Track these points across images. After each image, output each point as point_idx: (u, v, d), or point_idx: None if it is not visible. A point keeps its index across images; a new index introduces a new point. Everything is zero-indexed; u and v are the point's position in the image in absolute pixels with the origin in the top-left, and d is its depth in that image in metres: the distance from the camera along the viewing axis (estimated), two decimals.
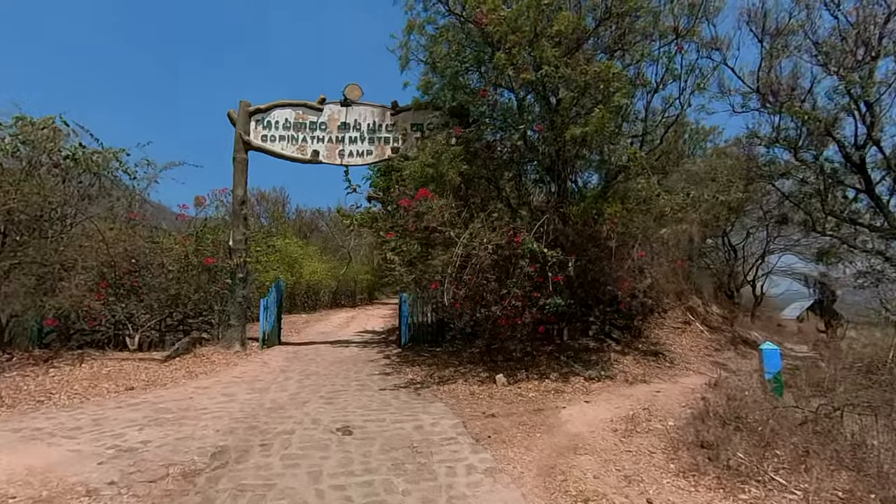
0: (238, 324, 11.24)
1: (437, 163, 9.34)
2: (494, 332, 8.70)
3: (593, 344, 10.38)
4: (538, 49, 8.36)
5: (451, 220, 8.74)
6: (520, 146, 9.92)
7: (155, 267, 10.96)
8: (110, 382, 8.14)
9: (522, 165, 10.25)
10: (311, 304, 25.40)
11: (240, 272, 11.30)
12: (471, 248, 8.32)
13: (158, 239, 11.74)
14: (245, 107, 11.78)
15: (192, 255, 11.22)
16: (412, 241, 10.27)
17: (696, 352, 11.06)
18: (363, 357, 10.95)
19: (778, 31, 12.17)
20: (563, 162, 9.99)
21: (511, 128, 9.84)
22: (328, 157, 11.94)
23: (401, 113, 12.08)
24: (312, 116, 12.01)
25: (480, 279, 8.49)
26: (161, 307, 11.05)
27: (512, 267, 8.59)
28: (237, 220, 11.48)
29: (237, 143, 11.63)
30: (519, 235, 8.14)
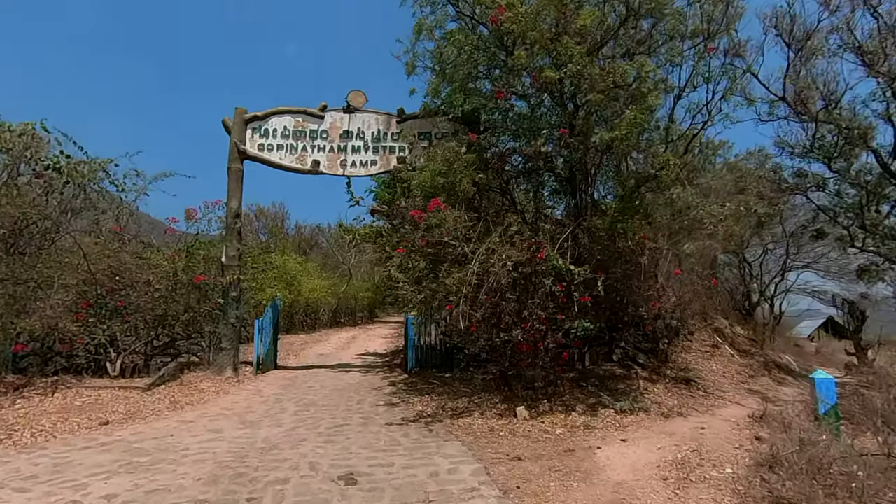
0: (230, 347, 10.34)
1: (448, 171, 8.54)
2: (514, 358, 7.80)
3: (619, 371, 9.49)
4: (562, 46, 7.61)
5: (465, 234, 7.91)
6: (540, 153, 9.14)
7: (141, 285, 10.10)
8: (83, 416, 7.23)
9: (540, 175, 9.44)
10: (309, 323, 24.48)
11: (233, 291, 10.44)
12: (488, 265, 7.48)
13: (146, 255, 10.90)
14: (241, 114, 11.03)
15: (181, 272, 10.37)
16: (419, 257, 9.46)
17: (729, 378, 10.16)
18: (366, 384, 10.03)
19: (807, 34, 11.49)
20: (585, 170, 9.21)
21: (529, 134, 9.06)
22: (329, 167, 11.16)
23: (407, 121, 11.33)
24: (313, 124, 11.25)
25: (498, 300, 7.65)
26: (147, 329, 10.17)
27: (533, 286, 7.74)
28: (231, 234, 10.66)
29: (232, 152, 10.86)
30: (542, 251, 7.30)
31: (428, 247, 7.74)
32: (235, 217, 10.71)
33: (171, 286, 10.29)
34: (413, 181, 9.01)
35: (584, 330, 7.53)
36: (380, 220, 14.19)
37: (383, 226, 11.59)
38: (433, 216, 7.51)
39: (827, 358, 18.48)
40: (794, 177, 12.00)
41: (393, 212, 11.62)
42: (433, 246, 7.73)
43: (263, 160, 11.03)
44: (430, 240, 7.60)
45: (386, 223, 11.73)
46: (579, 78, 7.65)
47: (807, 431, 6.08)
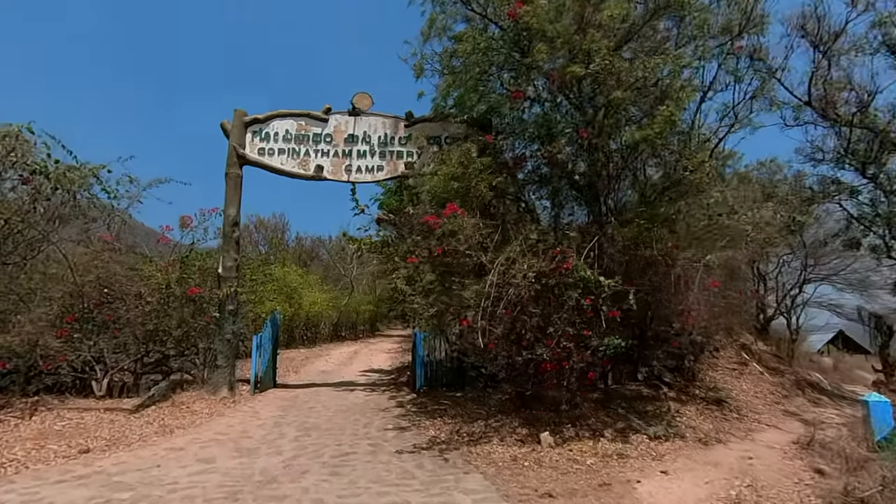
0: (226, 364, 9.65)
1: (463, 175, 7.92)
2: (538, 378, 7.11)
3: (646, 391, 8.79)
4: (587, 40, 7.03)
5: (481, 242, 7.27)
6: (557, 159, 8.54)
7: (131, 298, 9.44)
8: (62, 442, 6.53)
9: (559, 180, 8.82)
10: (310, 337, 23.75)
11: (230, 304, 9.77)
12: (507, 276, 6.83)
13: (138, 266, 10.25)
14: (240, 116, 10.44)
15: (174, 284, 9.70)
16: (428, 268, 8.83)
17: (761, 398, 9.46)
18: (372, 404, 9.32)
19: (835, 34, 10.95)
20: (607, 175, 8.60)
21: (547, 137, 8.47)
22: (333, 172, 10.54)
23: (416, 124, 10.74)
24: (316, 128, 10.66)
25: (519, 314, 6.98)
26: (137, 345, 9.48)
27: (557, 300, 7.07)
28: (228, 243, 10.01)
29: (230, 156, 10.25)
30: (568, 261, 6.65)
31: (446, 256, 7.07)
32: (233, 225, 10.07)
33: (163, 299, 9.63)
34: (424, 186, 8.40)
35: (615, 347, 6.85)
36: (385, 229, 13.59)
37: (390, 235, 10.96)
38: (450, 222, 6.87)
39: (846, 374, 17.77)
40: (825, 184, 11.38)
41: (401, 220, 11.01)
42: (450, 255, 7.07)
43: (264, 165, 10.42)
44: (446, 248, 6.93)
45: (392, 233, 11.11)
46: (605, 74, 7.05)
47: (872, 463, 5.40)
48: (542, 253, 7.08)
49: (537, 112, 8.76)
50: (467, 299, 6.82)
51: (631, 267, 7.91)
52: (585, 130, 7.36)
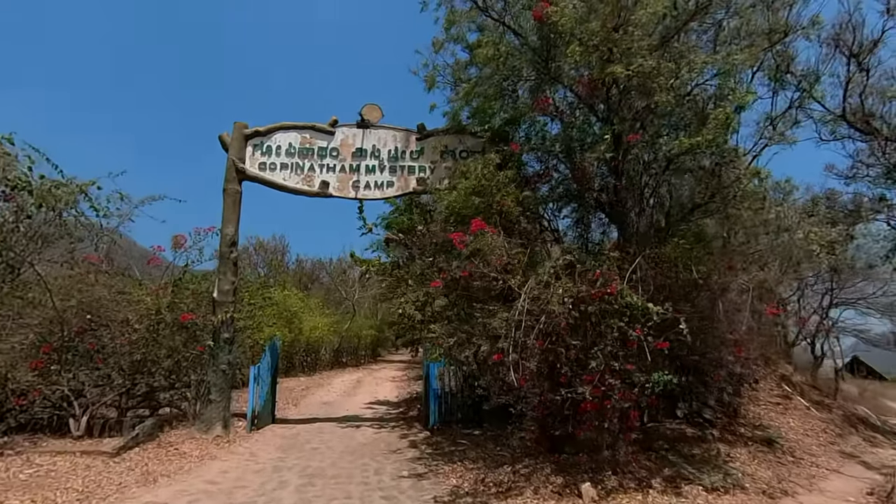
0: (220, 398, 8.73)
1: (485, 189, 7.16)
2: (578, 419, 6.20)
3: (690, 431, 7.87)
4: (626, 37, 6.33)
5: (509, 263, 6.45)
6: (585, 172, 7.79)
7: (117, 325, 8.57)
8: (25, 496, 5.60)
9: (588, 195, 8.05)
10: (310, 363, 22.75)
11: (225, 331, 8.89)
12: (541, 302, 6.00)
13: (127, 289, 9.40)
14: (240, 129, 9.71)
15: (165, 309, 8.84)
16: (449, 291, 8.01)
17: (814, 438, 8.54)
18: (382, 445, 8.37)
19: (873, 42, 10.33)
20: (641, 189, 7.84)
21: (580, 147, 7.74)
22: (340, 189, 9.78)
23: (428, 137, 10.02)
24: (322, 141, 9.93)
25: (554, 346, 6.13)
26: (122, 377, 8.56)
27: (594, 328, 6.22)
28: (225, 265, 9.18)
29: (229, 171, 9.49)
30: (612, 285, 5.82)
31: (471, 279, 6.24)
32: (231, 245, 9.26)
33: (152, 326, 8.75)
34: (442, 201, 7.62)
35: (665, 384, 5.98)
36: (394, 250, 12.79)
37: (400, 257, 10.16)
38: (477, 241, 6.05)
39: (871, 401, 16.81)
40: (860, 202, 10.63)
41: (412, 241, 10.22)
42: (476, 279, 6.25)
43: (265, 181, 9.66)
44: (472, 271, 6.11)
45: (403, 254, 10.30)
46: (647, 75, 6.32)
47: None
48: (579, 276, 6.26)
49: (565, 122, 8.05)
50: (496, 329, 5.97)
51: (673, 292, 7.08)
52: (635, 136, 6.56)
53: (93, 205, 9.71)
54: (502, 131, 9.05)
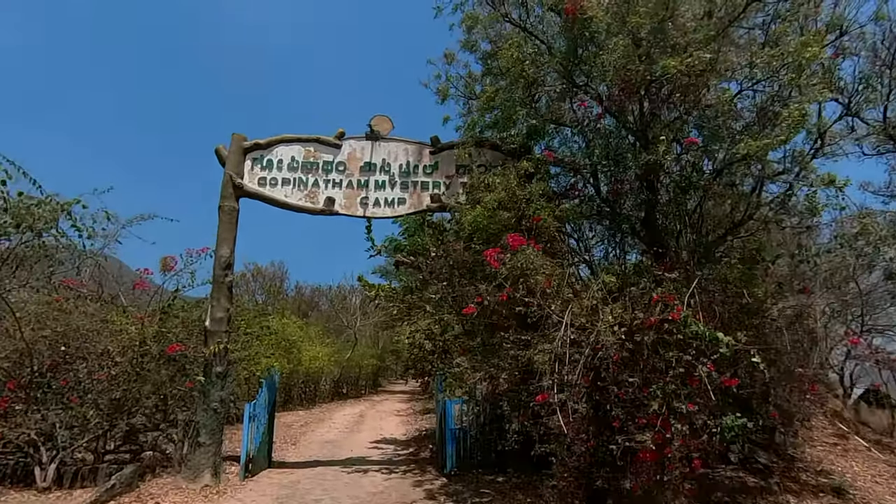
0: (210, 441, 7.71)
1: (514, 203, 6.31)
2: (636, 470, 5.22)
3: (751, 480, 6.85)
4: (677, 29, 5.58)
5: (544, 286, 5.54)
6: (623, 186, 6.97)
7: (95, 357, 7.62)
8: None
9: (627, 210, 7.21)
10: (309, 395, 21.62)
11: (218, 364, 7.92)
12: (588, 331, 5.09)
13: (111, 317, 8.47)
14: (239, 141, 8.91)
15: (151, 340, 7.89)
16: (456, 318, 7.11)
17: (884, 486, 7.49)
18: (395, 495, 7.30)
19: None
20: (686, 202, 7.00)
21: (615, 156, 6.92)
22: (347, 206, 8.92)
23: (443, 151, 9.21)
24: (327, 154, 9.13)
25: (605, 384, 5.20)
26: (100, 417, 7.56)
27: (645, 361, 5.29)
28: (219, 290, 8.26)
29: (225, 187, 8.65)
30: (675, 312, 4.92)
31: (511, 303, 5.33)
32: (226, 268, 8.35)
33: (136, 359, 7.79)
34: (465, 217, 6.74)
35: (738, 429, 5.03)
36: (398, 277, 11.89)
37: (414, 281, 9.27)
38: (517, 259, 5.16)
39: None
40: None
41: (426, 263, 9.34)
42: (519, 304, 5.34)
43: (265, 197, 8.81)
44: (514, 294, 5.20)
45: (414, 278, 9.40)
46: (702, 72, 5.53)
47: None
48: (631, 301, 5.36)
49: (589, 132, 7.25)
50: (535, 363, 5.03)
51: (729, 318, 6.17)
52: (692, 139, 5.75)
53: (75, 224, 8.90)
54: (524, 142, 8.25)
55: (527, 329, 5.78)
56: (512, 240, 5.39)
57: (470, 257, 7.05)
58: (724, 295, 6.33)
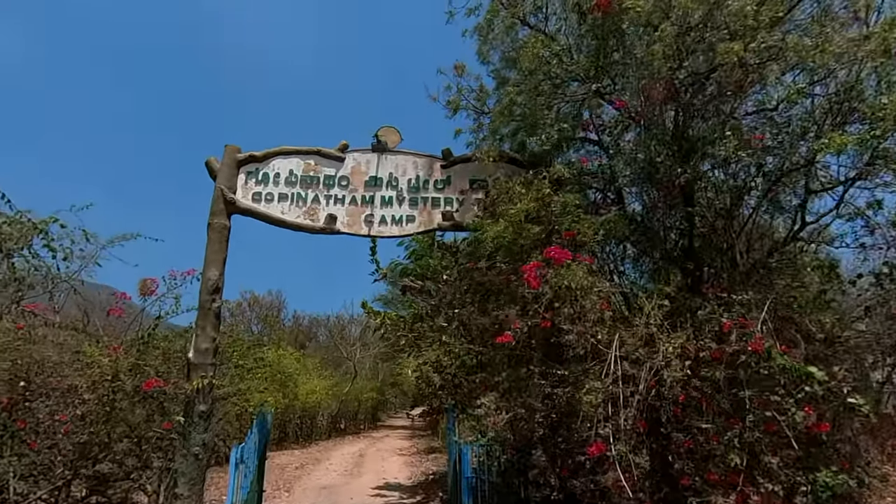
0: (190, 493, 6.66)
1: (546, 214, 5.46)
2: None
3: None
4: (736, 14, 4.82)
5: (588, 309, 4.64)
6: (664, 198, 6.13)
7: (60, 395, 6.64)
8: None
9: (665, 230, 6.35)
10: (305, 431, 20.42)
11: (201, 402, 6.93)
12: (647, 364, 4.17)
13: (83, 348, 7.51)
14: (232, 153, 8.11)
15: (125, 374, 6.91)
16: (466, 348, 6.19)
17: None
18: None
19: None
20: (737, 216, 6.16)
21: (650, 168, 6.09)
22: (350, 224, 8.08)
23: (456, 165, 8.42)
24: (329, 168, 8.33)
25: (667, 429, 4.25)
26: (63, 464, 6.56)
27: (708, 402, 4.34)
28: (205, 317, 7.33)
29: (216, 202, 7.81)
30: (755, 342, 4.01)
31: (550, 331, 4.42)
32: (213, 293, 7.43)
33: (107, 395, 6.78)
34: (486, 233, 5.87)
35: (838, 487, 4.06)
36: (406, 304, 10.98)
37: (425, 307, 8.37)
38: (563, 277, 4.27)
39: None
40: None
41: (437, 288, 8.47)
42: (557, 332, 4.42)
43: (260, 214, 7.96)
44: (558, 318, 4.30)
45: (426, 304, 8.48)
46: (769, 58, 4.76)
47: None
48: (693, 328, 4.45)
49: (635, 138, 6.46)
50: (590, 405, 4.09)
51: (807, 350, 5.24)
52: (758, 136, 4.92)
53: (49, 245, 8.07)
54: (550, 154, 7.45)
55: (562, 362, 4.86)
56: (556, 253, 4.52)
57: (493, 278, 6.17)
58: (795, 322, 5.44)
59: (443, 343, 7.00)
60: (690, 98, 5.91)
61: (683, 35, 5.19)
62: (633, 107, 6.52)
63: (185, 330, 8.97)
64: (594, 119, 7.76)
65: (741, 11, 4.82)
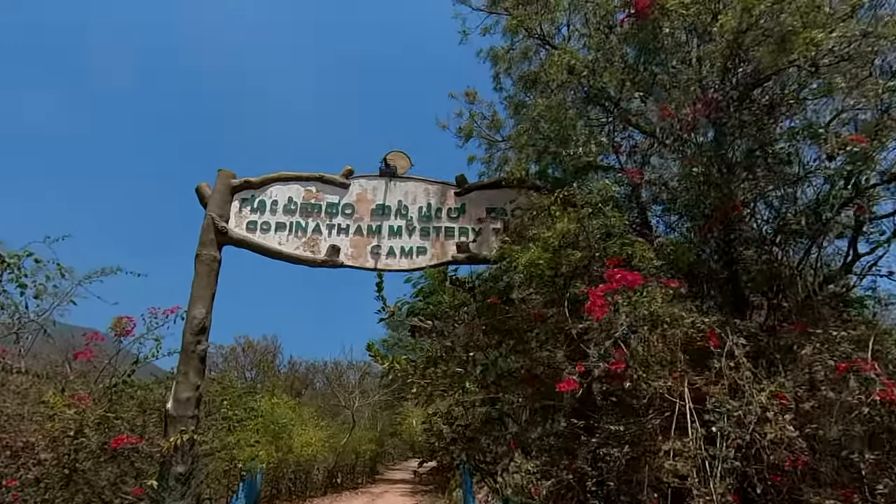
0: None
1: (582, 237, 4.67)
2: None
3: None
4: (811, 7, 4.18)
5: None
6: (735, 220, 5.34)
7: (9, 456, 5.64)
8: None
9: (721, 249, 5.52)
10: (299, 487, 18.93)
11: (179, 462, 5.92)
12: (741, 417, 3.27)
13: (47, 397, 6.54)
14: (226, 178, 7.38)
15: (90, 428, 5.93)
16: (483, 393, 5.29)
17: None
18: None
19: None
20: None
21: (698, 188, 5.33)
22: (354, 256, 7.27)
23: (471, 192, 7.69)
24: (332, 195, 7.58)
25: (764, 501, 3.31)
26: None
27: (818, 468, 3.42)
28: (188, 361, 6.41)
29: (206, 232, 7.01)
30: (889, 388, 3.14)
31: (631, 379, 3.53)
32: (199, 333, 6.53)
33: (68, 454, 5.79)
34: (517, 261, 5.04)
35: None
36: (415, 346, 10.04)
37: (439, 349, 7.45)
38: (644, 303, 3.41)
39: None
40: None
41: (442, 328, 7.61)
42: (637, 378, 3.53)
43: (254, 245, 7.16)
44: (651, 355, 3.42)
45: (439, 346, 7.56)
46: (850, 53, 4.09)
47: None
48: (787, 372, 3.58)
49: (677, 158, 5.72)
50: (668, 473, 3.17)
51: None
52: (855, 137, 4.17)
53: (18, 280, 7.22)
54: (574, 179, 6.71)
55: (624, 413, 3.96)
56: (625, 275, 3.68)
57: (522, 314, 5.31)
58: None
59: (462, 390, 6.06)
60: (742, 109, 5.23)
61: (741, 34, 4.52)
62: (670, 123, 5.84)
63: (169, 375, 8.05)
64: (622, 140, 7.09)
65: (813, 2, 4.18)
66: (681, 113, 4.94)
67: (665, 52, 5.73)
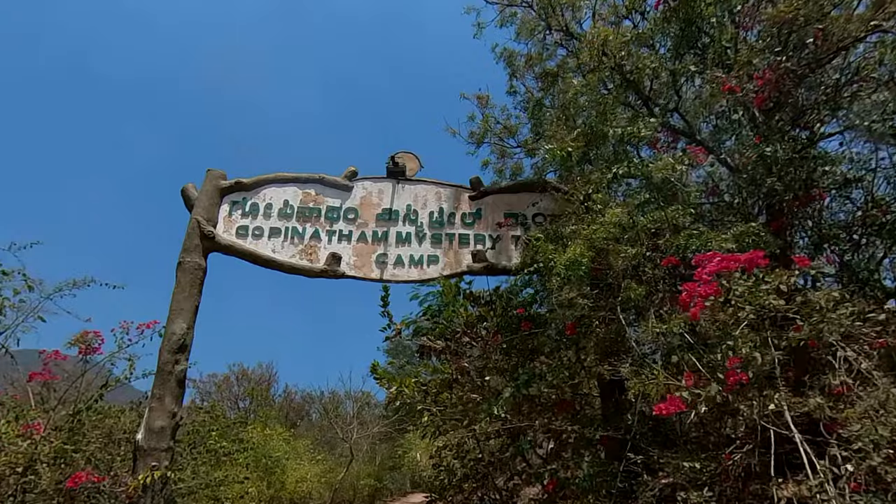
0: None
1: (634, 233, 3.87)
2: None
3: None
4: None
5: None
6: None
7: None
8: None
9: None
10: None
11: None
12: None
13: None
14: (215, 179, 6.61)
15: (43, 463, 5.01)
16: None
17: None
18: None
19: None
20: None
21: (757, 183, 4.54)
22: (358, 265, 6.45)
23: (488, 196, 6.95)
24: (333, 199, 6.81)
25: None
26: None
27: None
28: (164, 384, 5.52)
29: (190, 237, 6.21)
30: None
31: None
32: (178, 352, 5.66)
33: (14, 495, 4.86)
34: (558, 260, 4.22)
35: None
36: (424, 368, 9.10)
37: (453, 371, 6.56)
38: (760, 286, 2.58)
39: None
40: None
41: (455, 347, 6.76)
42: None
43: (245, 252, 6.34)
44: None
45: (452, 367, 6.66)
46: None
47: None
48: None
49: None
50: None
51: None
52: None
53: None
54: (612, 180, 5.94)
55: (701, 446, 3.08)
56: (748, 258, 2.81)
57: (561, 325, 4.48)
58: None
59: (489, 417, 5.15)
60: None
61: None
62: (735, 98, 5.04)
63: (143, 401, 7.13)
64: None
65: None
66: (747, 86, 4.21)
67: (713, 29, 5.05)
